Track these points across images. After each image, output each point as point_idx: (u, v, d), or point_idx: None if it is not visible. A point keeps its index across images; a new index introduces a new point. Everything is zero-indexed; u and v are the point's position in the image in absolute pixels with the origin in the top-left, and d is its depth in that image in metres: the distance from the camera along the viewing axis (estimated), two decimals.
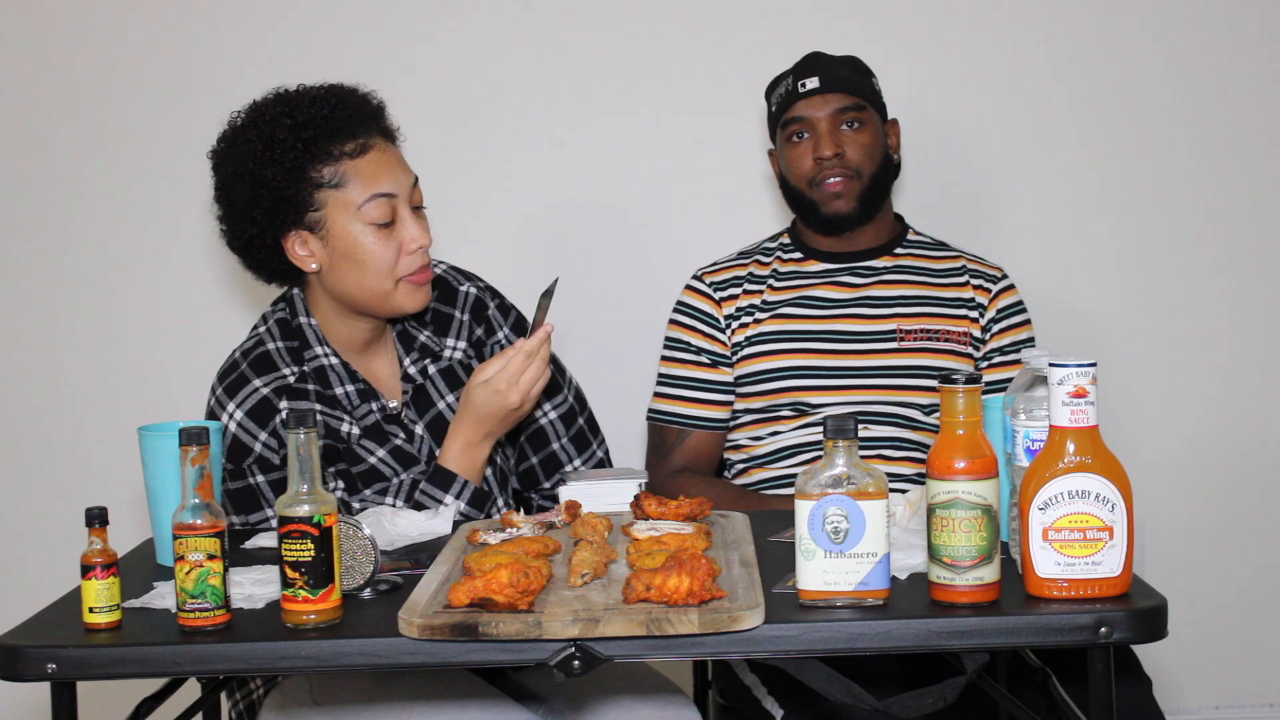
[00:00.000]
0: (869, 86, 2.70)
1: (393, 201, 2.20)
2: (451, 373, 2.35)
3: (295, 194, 2.17)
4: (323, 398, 2.25)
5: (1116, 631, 1.61)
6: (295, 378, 2.24)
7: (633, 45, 3.22)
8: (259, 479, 2.20)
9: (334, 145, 2.18)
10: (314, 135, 2.17)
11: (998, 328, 2.68)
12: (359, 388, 2.27)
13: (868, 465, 1.65)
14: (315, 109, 2.19)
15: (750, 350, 2.68)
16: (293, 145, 2.17)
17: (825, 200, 2.66)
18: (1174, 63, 3.22)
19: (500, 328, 2.41)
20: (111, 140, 3.21)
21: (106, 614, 1.68)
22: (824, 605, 1.64)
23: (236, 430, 2.19)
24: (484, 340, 2.39)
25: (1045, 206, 3.25)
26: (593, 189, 3.21)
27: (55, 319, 3.24)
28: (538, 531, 1.98)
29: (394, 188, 2.21)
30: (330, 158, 2.18)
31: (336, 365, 2.27)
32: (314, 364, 2.26)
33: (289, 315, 2.29)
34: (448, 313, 2.38)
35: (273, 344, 2.26)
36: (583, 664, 1.59)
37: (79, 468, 3.22)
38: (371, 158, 2.20)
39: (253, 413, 2.19)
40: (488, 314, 2.40)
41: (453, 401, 2.32)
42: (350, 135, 2.20)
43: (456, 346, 2.36)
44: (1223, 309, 3.26)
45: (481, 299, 2.41)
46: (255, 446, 2.19)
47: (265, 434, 2.19)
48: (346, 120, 2.20)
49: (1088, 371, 1.63)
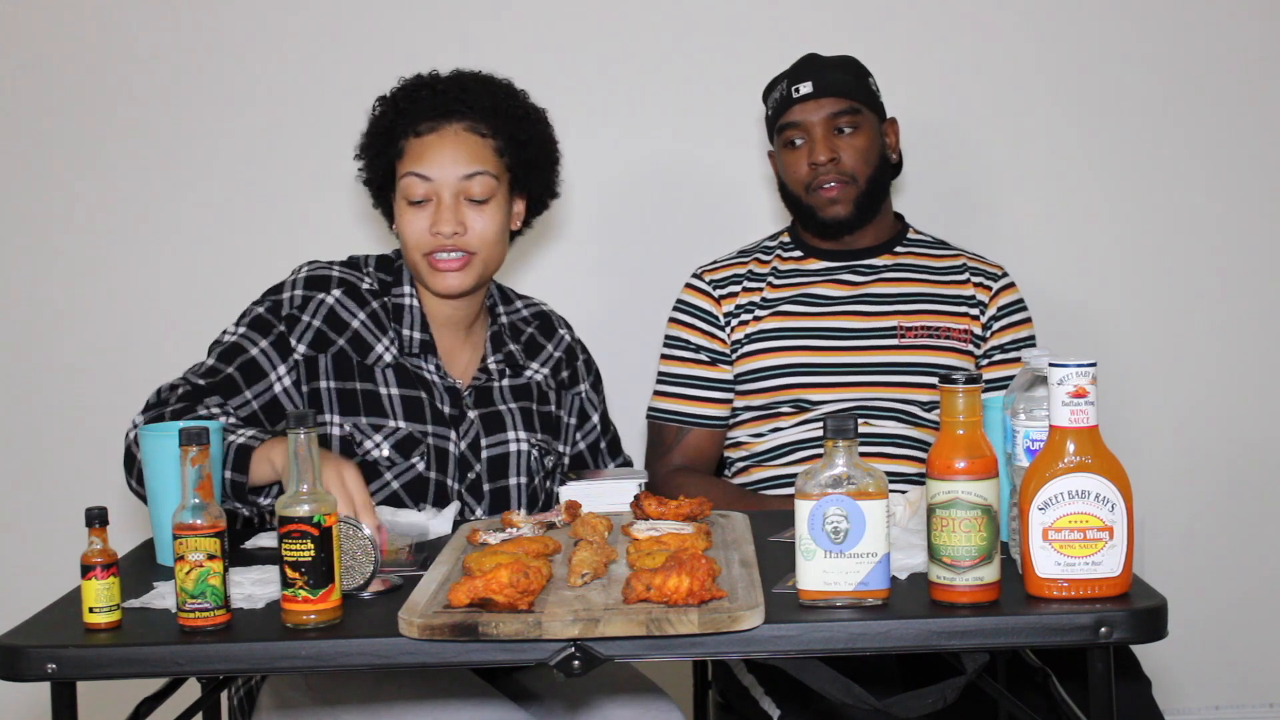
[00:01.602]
0: (864, 88, 2.70)
1: (429, 184, 2.30)
2: (525, 389, 2.43)
3: (385, 151, 2.35)
4: (378, 319, 2.33)
5: (1116, 631, 1.61)
6: (369, 289, 2.34)
7: (633, 44, 3.22)
8: (259, 309, 2.29)
9: (414, 122, 2.32)
10: (405, 108, 2.33)
11: (998, 325, 2.68)
12: (424, 338, 2.35)
13: (868, 465, 1.65)
14: (424, 87, 2.35)
15: (750, 348, 2.68)
16: (394, 106, 2.35)
17: (821, 205, 2.67)
18: (1174, 62, 3.22)
19: (582, 381, 2.53)
20: (112, 139, 3.21)
21: (106, 614, 1.69)
22: (824, 605, 1.64)
23: (289, 281, 2.33)
24: (567, 384, 2.50)
25: (1045, 206, 3.25)
26: (593, 188, 3.21)
27: (55, 318, 3.24)
28: (538, 531, 1.98)
29: (434, 173, 2.30)
30: (405, 132, 2.33)
31: (415, 309, 2.36)
32: (396, 299, 2.36)
33: (393, 257, 2.41)
34: (542, 343, 2.50)
35: (366, 268, 2.39)
36: (583, 664, 1.59)
37: (79, 468, 3.22)
38: (430, 140, 2.32)
39: (309, 278, 2.33)
40: (577, 364, 2.53)
41: (515, 408, 2.39)
42: (428, 117, 2.32)
43: (540, 371, 2.47)
44: (1223, 308, 3.26)
45: (574, 349, 2.54)
46: (284, 294, 2.30)
47: (301, 292, 2.30)
48: (433, 102, 2.33)
49: (1088, 371, 1.63)
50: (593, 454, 2.53)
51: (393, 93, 2.38)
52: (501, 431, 2.36)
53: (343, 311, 2.30)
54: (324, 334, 2.28)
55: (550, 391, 2.47)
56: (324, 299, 2.30)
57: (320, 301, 2.30)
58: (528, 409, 2.41)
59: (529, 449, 2.38)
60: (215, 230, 3.22)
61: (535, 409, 2.42)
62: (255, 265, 3.17)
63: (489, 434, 2.35)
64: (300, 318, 2.28)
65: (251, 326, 2.28)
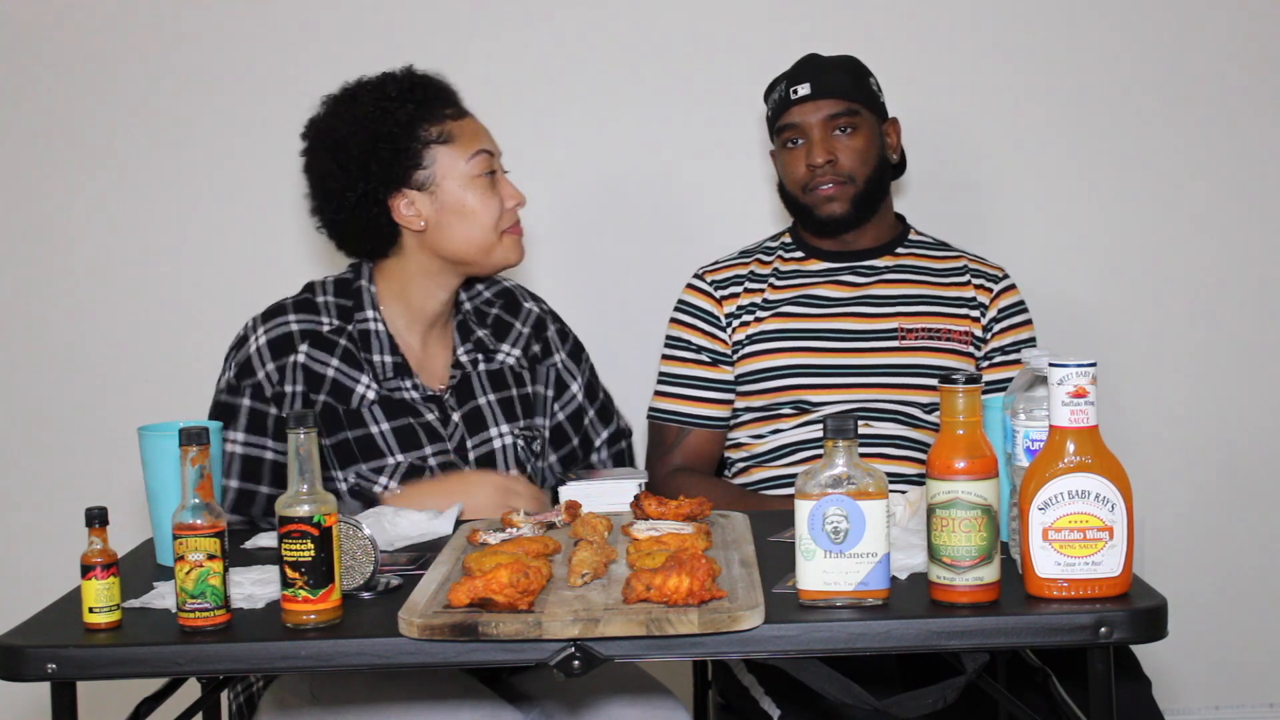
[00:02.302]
0: (863, 88, 2.70)
1: (492, 160, 2.36)
2: (500, 375, 2.42)
3: (409, 148, 2.30)
4: (350, 355, 2.31)
5: (1116, 631, 1.61)
6: (330, 329, 2.32)
7: (633, 44, 3.22)
8: (244, 401, 2.26)
9: (439, 108, 2.33)
10: (423, 97, 2.33)
11: (999, 327, 2.68)
12: (396, 361, 2.33)
13: (868, 465, 1.65)
14: (414, 81, 2.35)
15: (751, 348, 2.68)
16: (404, 104, 2.32)
17: (818, 205, 2.67)
18: (1174, 62, 3.22)
19: (557, 351, 2.50)
20: (112, 139, 3.21)
21: (106, 614, 1.68)
22: (824, 605, 1.64)
23: (254, 353, 2.28)
24: (540, 358, 2.47)
25: (1046, 206, 3.24)
26: (593, 188, 3.21)
27: (55, 319, 3.24)
28: (538, 531, 1.98)
29: (492, 147, 2.37)
30: (437, 118, 2.33)
31: (381, 333, 2.34)
32: (361, 325, 2.34)
33: (352, 277, 2.38)
34: (509, 321, 2.47)
35: (322, 297, 2.36)
36: (583, 664, 1.59)
37: (79, 468, 3.22)
38: (470, 120, 2.37)
39: (273, 343, 2.28)
40: (547, 334, 2.50)
41: (494, 400, 2.38)
42: (450, 102, 2.36)
43: (511, 353, 2.45)
44: (1223, 309, 3.26)
45: (543, 319, 2.51)
46: (259, 373, 2.26)
47: (273, 365, 2.27)
48: (444, 90, 2.37)
49: (1088, 371, 1.63)
50: (575, 425, 2.50)
51: (382, 91, 2.33)
52: (484, 430, 2.36)
53: (315, 365, 2.29)
54: (307, 395, 2.27)
55: (524, 371, 2.45)
56: (294, 359, 2.28)
57: (293, 364, 2.28)
58: (507, 398, 2.40)
59: (513, 440, 2.38)
60: (215, 230, 3.22)
61: (514, 394, 2.42)
62: (255, 265, 3.18)
63: (472, 434, 2.35)
64: (284, 391, 2.27)
65: (251, 429, 2.25)
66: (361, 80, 2.37)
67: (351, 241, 2.37)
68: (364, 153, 2.30)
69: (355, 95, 2.34)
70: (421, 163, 2.31)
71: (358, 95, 2.34)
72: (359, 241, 2.36)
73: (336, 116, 2.33)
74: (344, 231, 2.36)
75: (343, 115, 2.33)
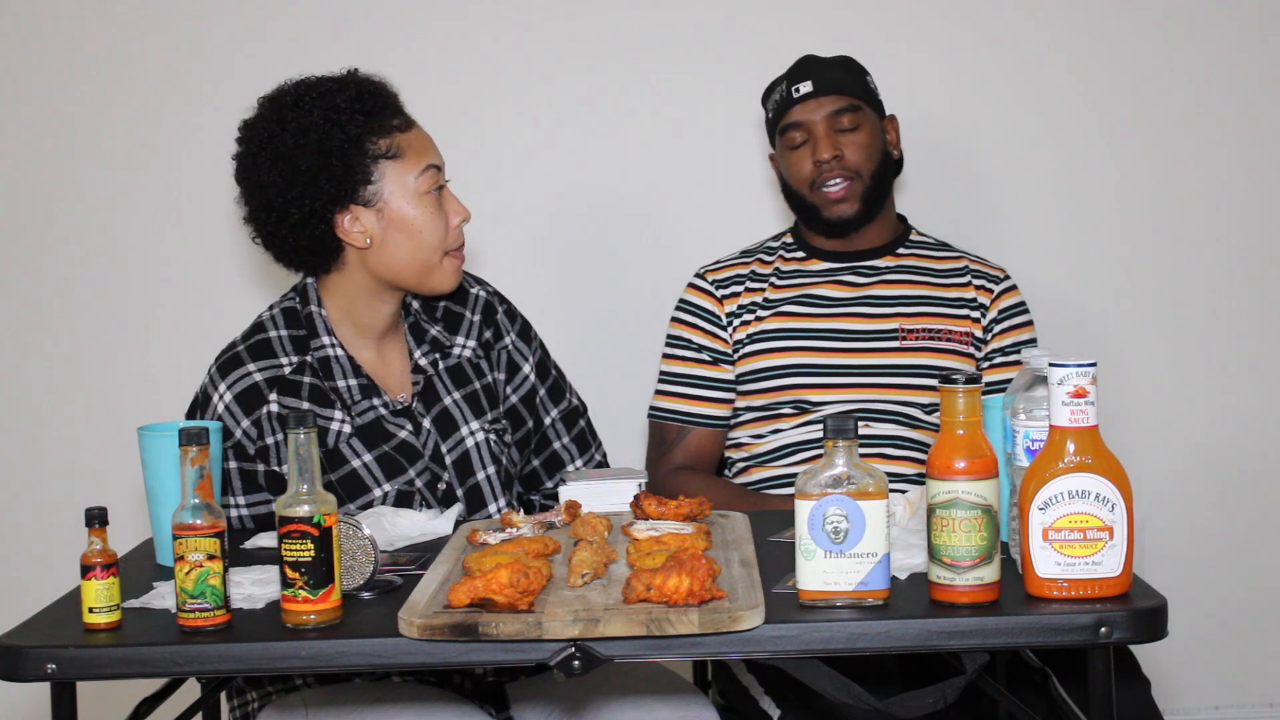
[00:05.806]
0: (863, 85, 2.70)
1: (438, 175, 2.27)
2: (460, 370, 2.36)
3: (359, 164, 2.21)
4: (319, 391, 2.24)
5: (1116, 631, 1.61)
6: (292, 368, 2.25)
7: (633, 44, 3.22)
8: (230, 464, 2.20)
9: (387, 119, 2.24)
10: (371, 108, 2.23)
11: (999, 328, 2.68)
12: (361, 383, 2.27)
13: (868, 465, 1.65)
14: (361, 88, 2.24)
15: (751, 348, 2.68)
16: (353, 116, 2.21)
17: (827, 204, 2.67)
18: (1176, 61, 3.21)
19: (508, 333, 2.43)
20: (110, 139, 3.21)
21: (106, 614, 1.68)
22: (824, 605, 1.64)
23: (223, 412, 2.21)
24: (492, 343, 2.41)
25: (1046, 206, 3.24)
26: (594, 188, 3.21)
27: (55, 318, 3.24)
28: (538, 531, 1.98)
29: (439, 160, 2.28)
30: (385, 130, 2.23)
31: (341, 357, 2.27)
32: (319, 354, 2.26)
33: (298, 304, 2.30)
34: (459, 312, 2.40)
35: (275, 332, 2.27)
36: (583, 664, 1.59)
37: (79, 468, 3.22)
38: (417, 132, 2.28)
39: (240, 398, 2.21)
40: (496, 318, 2.43)
41: (459, 398, 2.33)
42: (397, 112, 2.27)
43: (466, 345, 2.38)
44: (1224, 308, 3.26)
45: (491, 302, 2.43)
46: (235, 432, 2.20)
47: (248, 421, 2.20)
48: (391, 99, 2.28)
49: (1088, 371, 1.63)
50: (528, 407, 2.43)
51: (329, 100, 2.22)
52: (455, 431, 2.31)
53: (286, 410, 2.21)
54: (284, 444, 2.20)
55: (481, 360, 2.39)
56: (267, 410, 2.21)
57: (267, 415, 2.21)
58: (471, 393, 2.35)
59: (484, 436, 2.32)
60: (215, 230, 3.22)
61: (477, 386, 2.36)
62: (255, 265, 3.17)
63: (445, 438, 2.30)
64: (266, 444, 2.20)
65: (247, 490, 2.20)
66: (302, 84, 2.25)
67: (290, 256, 2.28)
68: (312, 167, 2.19)
69: (299, 102, 2.22)
70: (370, 178, 2.21)
71: (301, 102, 2.22)
72: (299, 256, 2.27)
73: (280, 124, 2.21)
74: (284, 246, 2.26)
75: (288, 124, 2.20)
